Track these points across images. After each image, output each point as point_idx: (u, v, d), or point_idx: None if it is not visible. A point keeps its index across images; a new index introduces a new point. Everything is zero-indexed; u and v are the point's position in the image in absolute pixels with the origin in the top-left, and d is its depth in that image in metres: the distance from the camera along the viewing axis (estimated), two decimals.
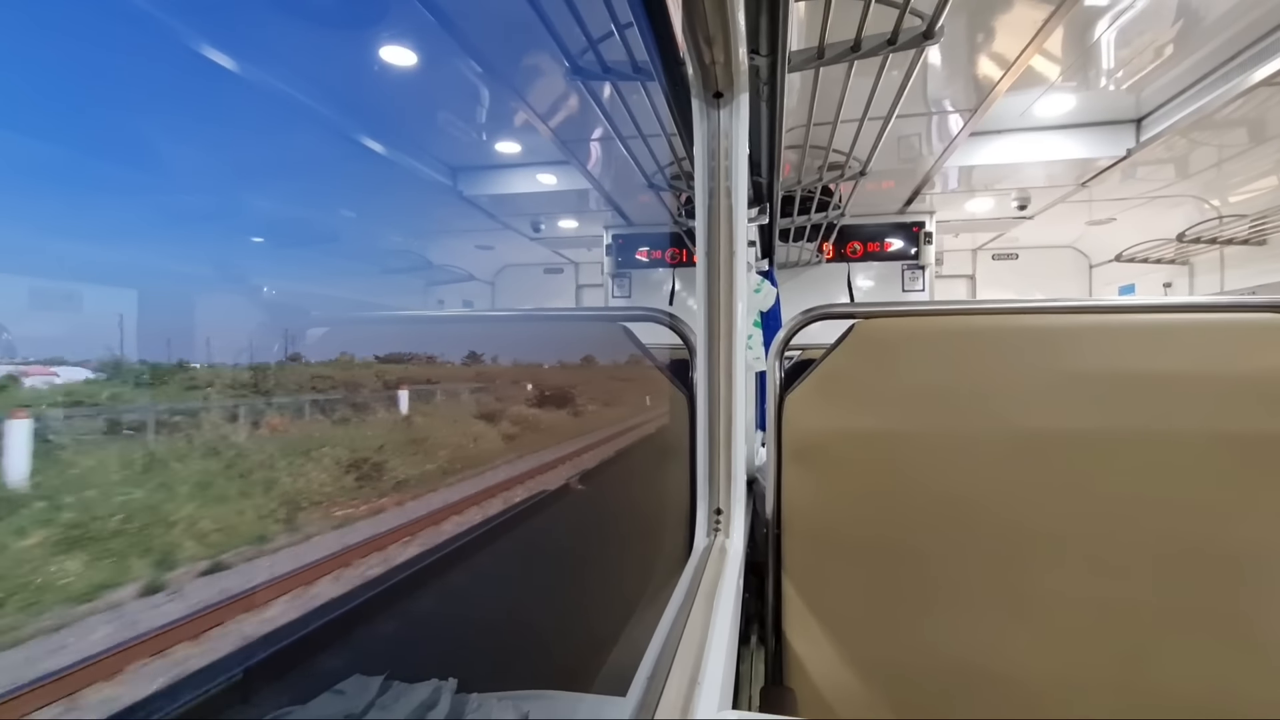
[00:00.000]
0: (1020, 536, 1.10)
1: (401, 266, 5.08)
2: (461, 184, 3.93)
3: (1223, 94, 2.57)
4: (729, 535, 1.10)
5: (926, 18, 1.62)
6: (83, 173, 1.90)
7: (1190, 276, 4.92)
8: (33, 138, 1.52)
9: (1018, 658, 1.10)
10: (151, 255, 1.89)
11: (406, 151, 3.51)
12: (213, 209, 2.27)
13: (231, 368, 2.48)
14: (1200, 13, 2.22)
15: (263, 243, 2.61)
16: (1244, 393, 1.05)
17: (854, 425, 1.19)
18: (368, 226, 4.38)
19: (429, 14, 2.18)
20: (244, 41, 2.23)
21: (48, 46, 1.56)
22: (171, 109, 2.22)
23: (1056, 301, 1.19)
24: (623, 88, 2.25)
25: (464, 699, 0.69)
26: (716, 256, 1.06)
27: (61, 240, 1.69)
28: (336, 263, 3.48)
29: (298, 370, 3.21)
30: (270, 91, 2.50)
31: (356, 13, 2.28)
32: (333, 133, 2.94)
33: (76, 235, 1.72)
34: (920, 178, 3.92)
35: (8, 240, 1.56)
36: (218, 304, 2.00)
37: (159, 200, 2.13)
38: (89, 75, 1.84)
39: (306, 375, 3.30)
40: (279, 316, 2.20)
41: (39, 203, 1.71)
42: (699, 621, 0.74)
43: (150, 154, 2.01)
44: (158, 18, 1.92)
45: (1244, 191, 3.90)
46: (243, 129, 2.58)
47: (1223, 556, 1.04)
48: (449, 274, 5.91)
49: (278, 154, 2.94)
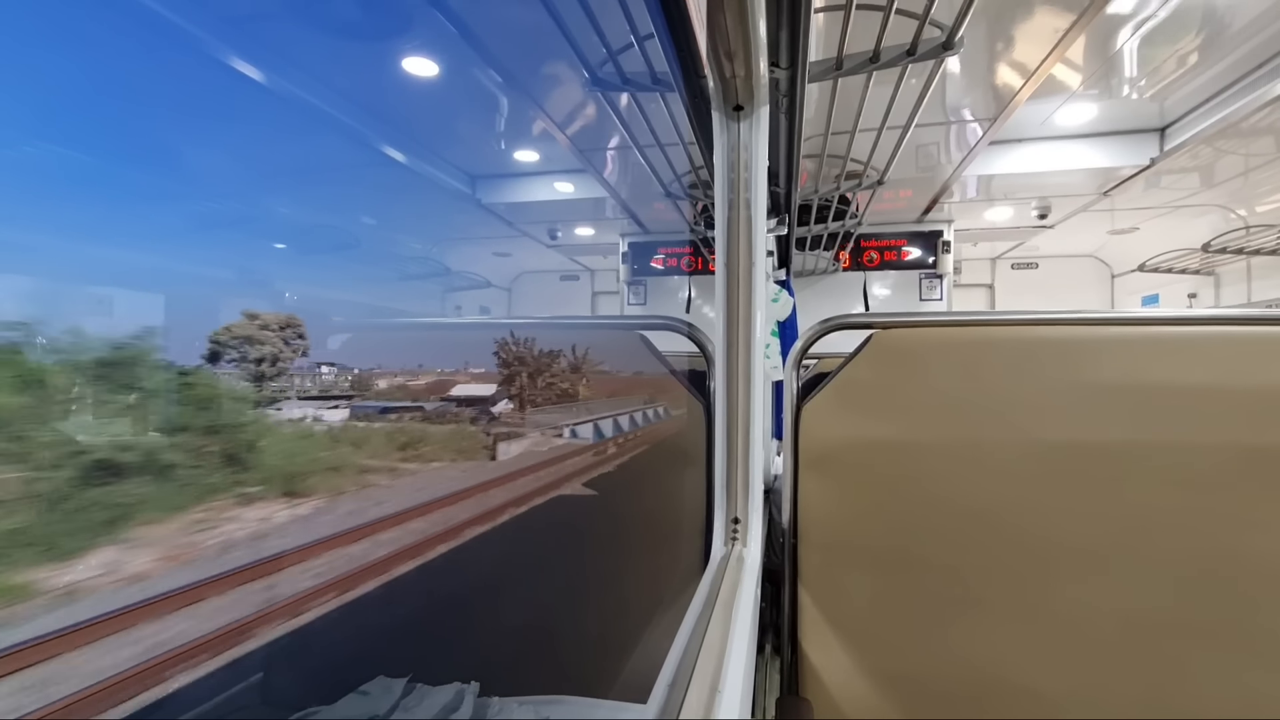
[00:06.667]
0: (1041, 548, 1.09)
1: (420, 273, 5.15)
2: (480, 192, 3.98)
3: (1249, 102, 2.54)
4: (746, 544, 1.10)
5: (946, 28, 1.62)
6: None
7: (1216, 287, 4.83)
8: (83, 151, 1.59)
9: (1037, 671, 1.09)
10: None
11: (427, 160, 3.57)
12: (310, 224, 2.45)
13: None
14: (1225, 21, 2.20)
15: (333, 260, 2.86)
16: (1272, 407, 1.03)
17: (872, 435, 1.19)
18: (387, 234, 4.45)
19: (451, 26, 2.22)
20: (277, 55, 2.30)
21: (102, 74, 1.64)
22: (228, 124, 2.30)
23: (1079, 313, 1.18)
24: (641, 98, 2.28)
25: (485, 702, 0.71)
26: (735, 267, 1.07)
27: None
28: (359, 269, 3.55)
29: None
30: (299, 103, 2.56)
31: (382, 25, 2.33)
32: (357, 142, 3.00)
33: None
34: (939, 187, 3.90)
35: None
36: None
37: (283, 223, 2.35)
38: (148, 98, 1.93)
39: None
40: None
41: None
42: (718, 630, 0.74)
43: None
44: (196, 34, 1.98)
45: (1272, 201, 3.83)
46: (284, 140, 2.68)
47: (1247, 571, 1.02)
48: (467, 280, 5.98)
49: (317, 162, 3.04)
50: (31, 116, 1.40)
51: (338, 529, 2.25)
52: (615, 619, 1.45)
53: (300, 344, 2.24)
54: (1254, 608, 1.02)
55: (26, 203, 1.37)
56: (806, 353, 1.33)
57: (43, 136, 1.43)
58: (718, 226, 1.06)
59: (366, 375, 3.25)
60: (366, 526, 2.38)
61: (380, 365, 3.51)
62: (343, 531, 2.24)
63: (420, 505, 2.72)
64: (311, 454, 2.41)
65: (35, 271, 1.27)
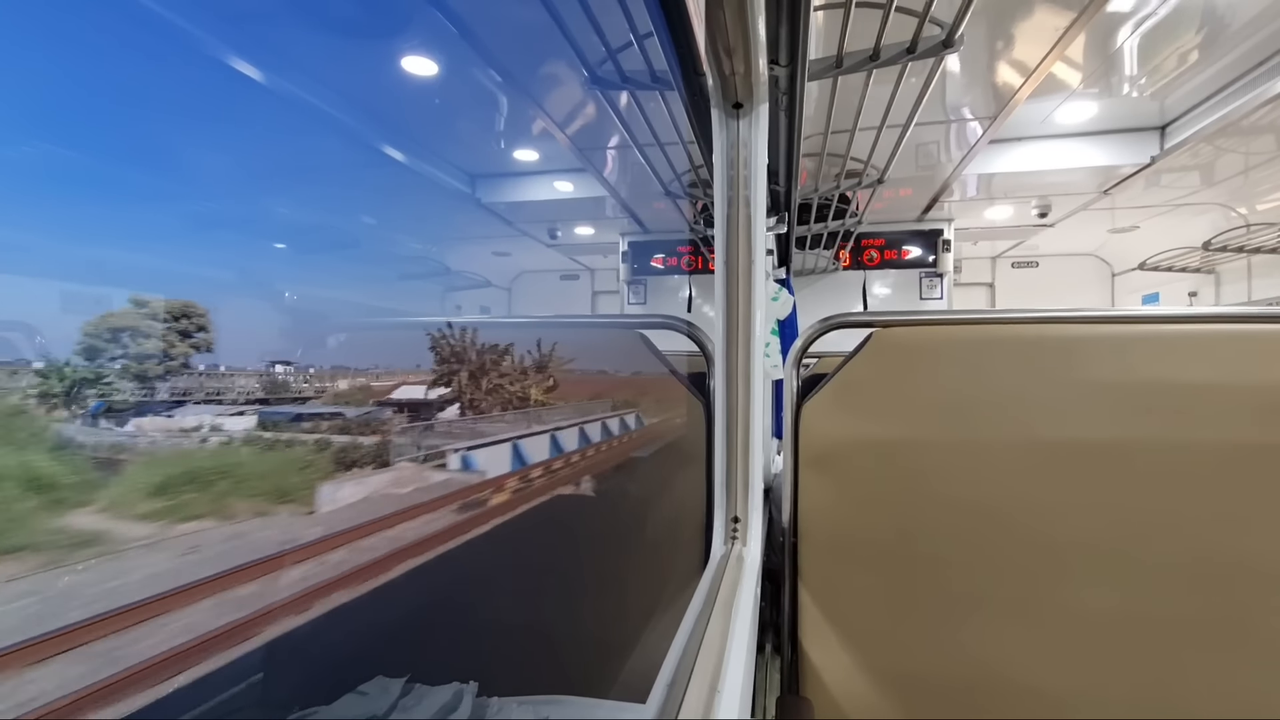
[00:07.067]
0: (1040, 547, 1.09)
1: (419, 272, 5.14)
2: (480, 191, 3.98)
3: (1250, 100, 2.53)
4: (746, 543, 1.10)
5: (946, 26, 1.62)
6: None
7: (1216, 285, 4.83)
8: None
9: (1036, 669, 1.08)
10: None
11: (426, 159, 3.57)
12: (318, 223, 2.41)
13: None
14: (1225, 19, 2.19)
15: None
16: (1273, 404, 1.03)
17: (872, 434, 1.18)
18: (386, 233, 4.45)
19: (450, 25, 2.22)
20: (274, 54, 2.29)
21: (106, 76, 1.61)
22: (227, 126, 2.28)
23: (1079, 311, 1.18)
24: (640, 97, 2.27)
25: (484, 702, 0.70)
26: (735, 265, 1.06)
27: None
28: (354, 268, 3.54)
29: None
30: (295, 101, 2.55)
31: (380, 24, 2.33)
32: (355, 141, 3.00)
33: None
34: (939, 185, 3.89)
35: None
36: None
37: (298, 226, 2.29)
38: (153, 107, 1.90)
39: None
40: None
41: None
42: (718, 629, 0.74)
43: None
44: (191, 31, 1.98)
45: (1272, 199, 3.83)
46: (283, 140, 2.66)
47: (1247, 569, 1.02)
48: (466, 280, 5.97)
49: (319, 164, 3.02)
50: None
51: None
52: (614, 619, 1.45)
53: (202, 338, 1.93)
54: (1256, 605, 1.01)
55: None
56: (806, 351, 1.33)
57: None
58: (717, 224, 1.06)
59: (326, 375, 2.79)
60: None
61: (347, 365, 3.08)
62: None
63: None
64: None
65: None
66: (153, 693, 1.46)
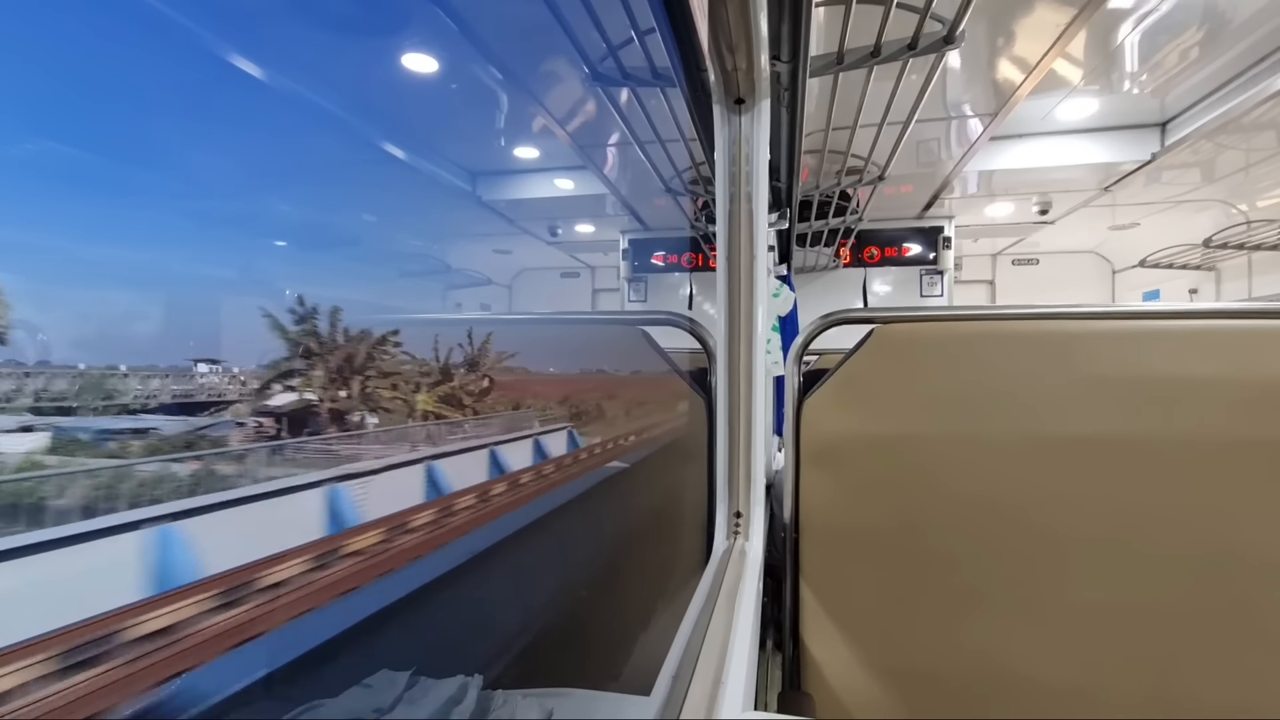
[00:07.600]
0: (1042, 542, 1.10)
1: (420, 270, 5.14)
2: (480, 189, 3.97)
3: (1250, 97, 2.53)
4: (748, 538, 1.10)
5: (947, 22, 1.62)
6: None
7: (1217, 282, 4.83)
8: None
9: (1039, 663, 1.09)
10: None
11: (427, 157, 3.57)
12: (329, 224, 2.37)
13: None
14: (1226, 16, 2.19)
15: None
16: (1272, 400, 1.03)
17: (873, 429, 1.19)
18: (387, 231, 4.44)
19: (451, 22, 2.21)
20: (274, 52, 2.29)
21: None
22: (232, 127, 2.27)
23: (1079, 307, 1.18)
24: (641, 93, 2.27)
25: (489, 696, 0.71)
26: (737, 261, 1.06)
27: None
28: (354, 266, 3.53)
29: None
30: (296, 99, 2.55)
31: (382, 22, 2.32)
32: (355, 139, 3.00)
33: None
34: (939, 182, 3.89)
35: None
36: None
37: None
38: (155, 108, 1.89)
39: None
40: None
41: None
42: (721, 623, 0.75)
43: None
44: (195, 31, 1.98)
45: (1273, 196, 3.83)
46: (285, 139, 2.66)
47: (1249, 563, 1.02)
48: (467, 278, 5.98)
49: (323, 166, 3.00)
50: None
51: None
52: (619, 612, 1.45)
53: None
54: (1259, 598, 1.02)
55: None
56: (808, 348, 1.33)
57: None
58: (719, 220, 1.06)
59: (256, 375, 2.37)
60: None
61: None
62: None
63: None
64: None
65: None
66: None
